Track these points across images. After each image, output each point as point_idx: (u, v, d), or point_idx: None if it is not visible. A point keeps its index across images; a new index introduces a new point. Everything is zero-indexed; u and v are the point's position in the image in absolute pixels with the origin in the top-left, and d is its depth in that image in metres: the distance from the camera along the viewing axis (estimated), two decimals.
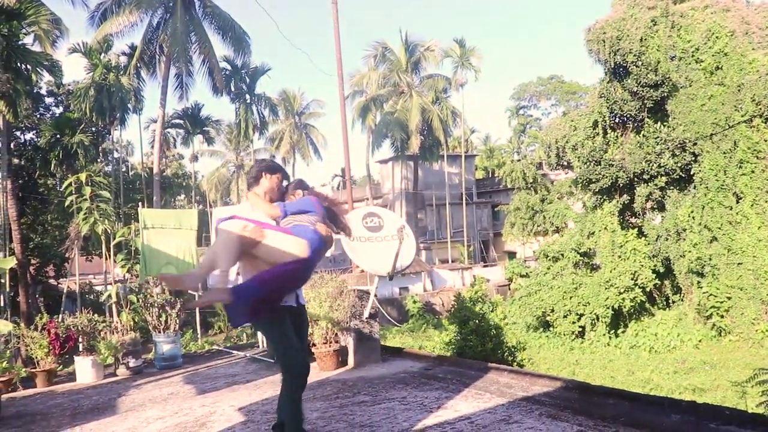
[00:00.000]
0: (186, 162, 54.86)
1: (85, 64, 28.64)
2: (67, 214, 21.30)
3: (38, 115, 27.50)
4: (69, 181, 9.09)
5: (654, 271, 21.42)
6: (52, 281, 28.60)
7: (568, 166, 26.10)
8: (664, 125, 21.53)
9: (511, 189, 41.41)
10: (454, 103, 43.74)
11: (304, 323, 4.00)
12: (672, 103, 21.10)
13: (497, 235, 45.94)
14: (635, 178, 21.86)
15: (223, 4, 28.45)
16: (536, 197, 38.61)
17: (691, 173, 20.66)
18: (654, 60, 21.12)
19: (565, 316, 21.91)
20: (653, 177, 21.40)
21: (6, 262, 7.79)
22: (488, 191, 49.69)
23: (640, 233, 22.44)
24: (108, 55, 29.18)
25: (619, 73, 22.65)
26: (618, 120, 23.19)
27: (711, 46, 20.26)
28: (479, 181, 51.80)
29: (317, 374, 6.26)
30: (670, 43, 21.18)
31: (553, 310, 22.32)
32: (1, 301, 19.37)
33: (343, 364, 6.68)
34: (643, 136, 21.99)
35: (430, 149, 41.37)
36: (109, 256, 9.37)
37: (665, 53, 21.19)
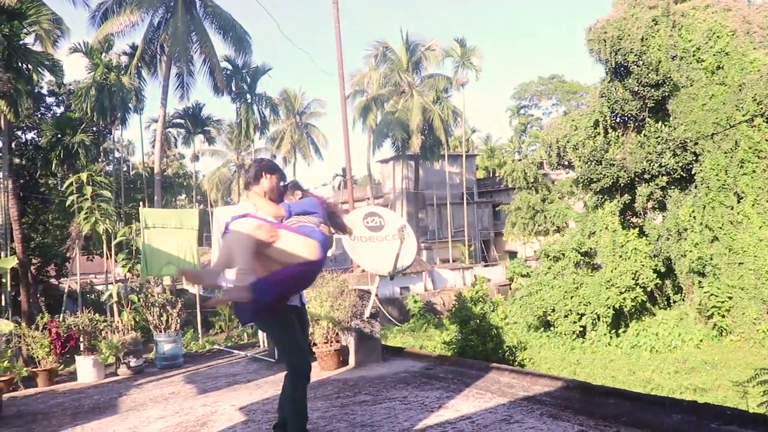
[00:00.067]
0: (187, 162, 54.97)
1: (86, 64, 28.67)
2: (68, 214, 21.34)
3: (39, 115, 27.51)
4: (70, 181, 9.10)
5: (655, 271, 21.39)
6: (53, 281, 28.63)
7: (569, 166, 26.08)
8: (665, 125, 21.50)
9: (512, 189, 41.42)
10: (455, 103, 43.84)
11: (305, 323, 4.03)
12: (673, 103, 21.07)
13: (498, 234, 45.94)
14: (636, 178, 21.84)
15: (224, 3, 28.54)
16: (537, 197, 38.61)
17: (692, 173, 20.64)
18: (655, 59, 21.09)
19: (566, 316, 21.89)
20: (654, 177, 21.38)
21: (7, 262, 7.81)
22: (489, 191, 49.69)
23: (641, 233, 22.41)
24: (109, 55, 29.21)
25: (620, 72, 22.62)
26: (619, 119, 23.16)
27: (712, 46, 20.23)
28: (480, 180, 51.80)
29: (318, 374, 6.26)
30: (671, 42, 21.15)
31: (554, 310, 22.30)
32: (3, 301, 19.40)
33: (344, 363, 6.68)
34: (644, 135, 21.96)
35: (431, 149, 41.36)
36: (110, 255, 9.38)
37: (666, 53, 21.17)
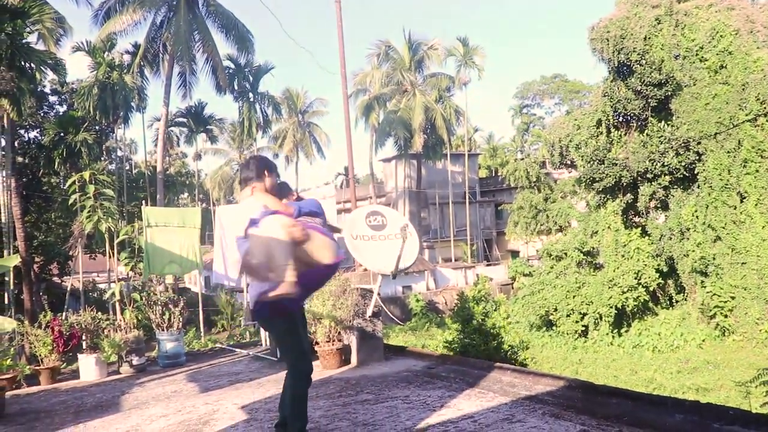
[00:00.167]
0: (189, 160, 55.13)
1: (89, 63, 28.74)
2: (70, 213, 21.41)
3: (42, 114, 27.58)
4: (73, 180, 9.10)
5: (657, 271, 21.36)
6: (56, 279, 28.71)
7: (572, 165, 26.05)
8: (668, 124, 21.46)
9: (515, 188, 41.40)
10: (457, 102, 43.82)
11: (305, 322, 4.04)
12: (676, 102, 21.03)
13: (500, 233, 45.90)
14: (639, 177, 21.80)
15: (226, 2, 28.53)
16: (539, 196, 38.56)
17: (695, 172, 20.60)
18: (658, 59, 21.05)
19: (568, 315, 21.88)
20: (657, 176, 21.34)
21: (10, 260, 7.82)
22: (491, 190, 49.64)
23: (644, 232, 22.38)
24: (112, 54, 29.27)
25: (622, 71, 22.58)
26: (621, 119, 23.13)
27: (715, 45, 20.19)
28: (482, 179, 51.76)
29: (320, 372, 6.26)
30: (674, 41, 21.11)
31: (556, 309, 22.30)
32: (6, 299, 19.48)
33: (346, 362, 6.67)
34: (647, 135, 21.92)
35: (434, 148, 41.34)
36: (113, 254, 9.40)
37: (669, 52, 21.12)
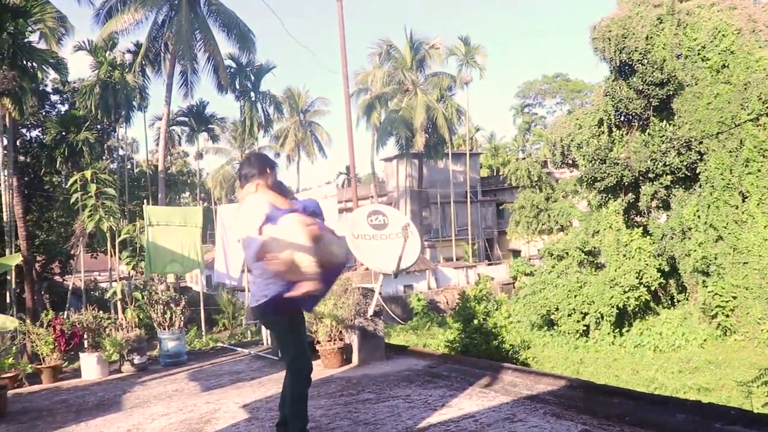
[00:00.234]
0: (191, 159, 55.16)
1: (91, 62, 28.78)
2: (72, 212, 21.42)
3: (44, 113, 27.64)
4: (74, 179, 9.10)
5: (659, 270, 21.34)
6: (58, 278, 28.76)
7: (573, 165, 26.03)
8: (670, 124, 21.43)
9: (516, 187, 41.36)
10: (458, 101, 43.81)
11: (304, 322, 4.03)
12: (678, 102, 21.01)
13: (502, 233, 45.89)
14: (640, 177, 21.77)
15: (227, 1, 28.48)
16: (541, 195, 38.53)
17: (697, 172, 20.58)
18: (660, 58, 21.02)
19: (570, 315, 21.87)
20: (658, 175, 21.32)
21: (12, 259, 7.83)
22: (493, 189, 49.61)
23: (645, 232, 22.36)
24: (113, 53, 29.32)
25: (624, 71, 22.55)
26: (623, 118, 23.10)
27: (717, 44, 20.15)
28: (484, 179, 51.73)
29: (322, 371, 6.27)
30: (676, 41, 21.08)
31: (557, 309, 22.28)
32: (7, 298, 19.51)
33: (348, 361, 6.67)
34: (649, 134, 21.89)
35: (435, 147, 41.34)
36: (114, 253, 9.39)
37: (671, 51, 21.10)
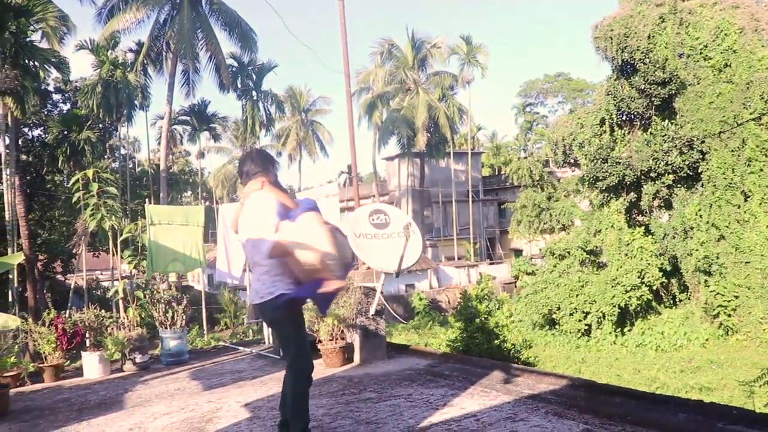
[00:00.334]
0: (192, 159, 55.17)
1: (93, 61, 28.82)
2: (74, 211, 21.43)
3: (46, 112, 27.68)
4: (76, 178, 9.12)
5: (661, 270, 21.30)
6: (60, 277, 28.81)
7: (575, 164, 26.01)
8: (672, 123, 21.39)
9: (518, 186, 41.36)
10: (460, 101, 43.76)
11: (304, 321, 4.05)
12: (680, 101, 20.96)
13: (503, 232, 45.89)
14: (642, 176, 21.73)
15: (229, 1, 28.49)
16: (543, 195, 38.52)
17: (699, 171, 20.53)
18: (662, 57, 20.98)
19: (572, 314, 21.84)
20: (660, 175, 21.27)
21: (14, 258, 7.85)
22: (495, 189, 49.59)
23: (647, 231, 22.32)
24: (115, 52, 29.35)
25: (626, 70, 22.51)
26: (625, 117, 23.06)
27: (720, 44, 20.10)
28: (486, 178, 51.72)
29: (323, 371, 6.27)
30: (678, 40, 21.03)
31: (559, 308, 22.25)
32: (10, 297, 19.54)
33: (349, 360, 6.68)
34: (651, 133, 21.84)
35: (437, 146, 41.32)
36: (116, 252, 9.41)
37: (673, 50, 21.05)
